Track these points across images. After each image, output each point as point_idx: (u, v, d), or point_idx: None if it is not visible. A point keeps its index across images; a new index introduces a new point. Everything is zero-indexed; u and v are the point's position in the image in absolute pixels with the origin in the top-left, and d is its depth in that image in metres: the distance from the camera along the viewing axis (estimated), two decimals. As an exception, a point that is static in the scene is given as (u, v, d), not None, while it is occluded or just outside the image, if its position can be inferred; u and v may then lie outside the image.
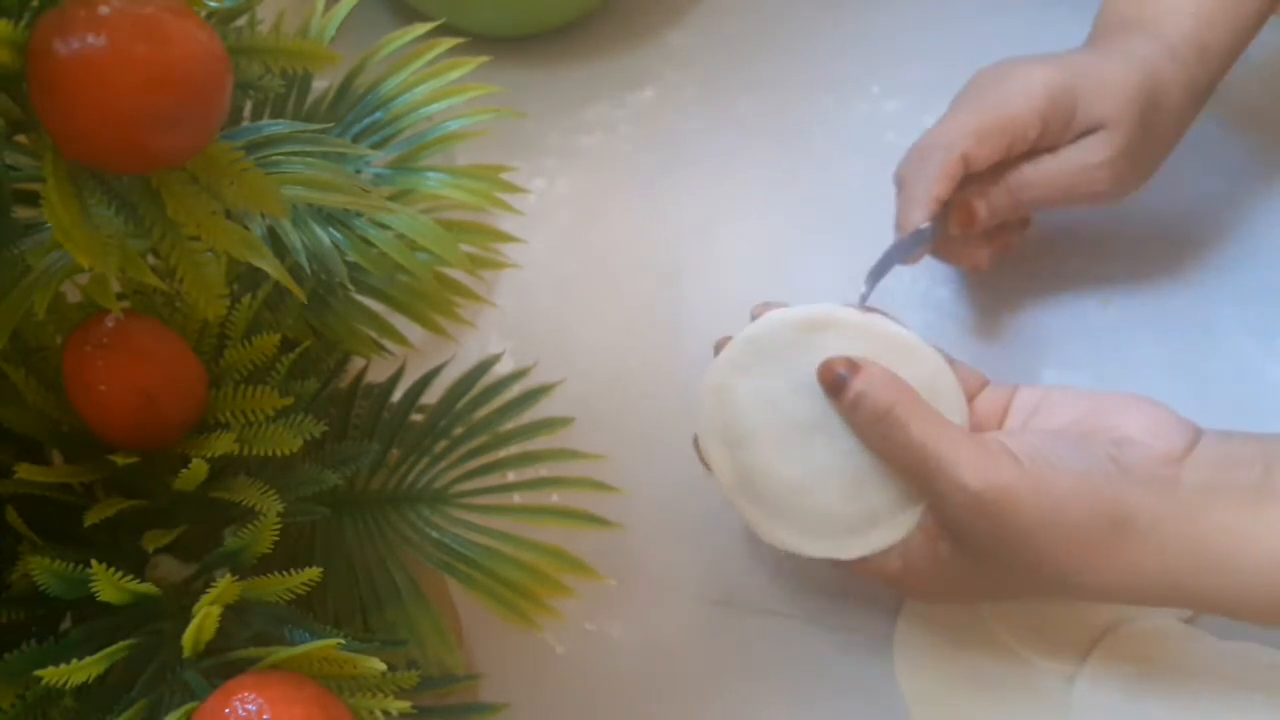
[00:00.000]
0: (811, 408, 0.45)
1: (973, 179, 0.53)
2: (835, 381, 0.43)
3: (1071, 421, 0.43)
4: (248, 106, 0.43)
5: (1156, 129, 0.54)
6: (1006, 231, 0.58)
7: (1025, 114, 0.52)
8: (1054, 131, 0.53)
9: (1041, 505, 0.40)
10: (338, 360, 0.43)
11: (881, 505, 0.45)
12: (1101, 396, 0.44)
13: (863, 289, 0.48)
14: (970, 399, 0.46)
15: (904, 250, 0.52)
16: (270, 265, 0.29)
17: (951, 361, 0.46)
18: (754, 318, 0.47)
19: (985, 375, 0.48)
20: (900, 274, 0.53)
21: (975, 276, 0.62)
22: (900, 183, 0.54)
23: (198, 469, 0.33)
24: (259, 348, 0.36)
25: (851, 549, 0.46)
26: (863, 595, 0.52)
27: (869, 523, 0.45)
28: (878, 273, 0.50)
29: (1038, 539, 0.40)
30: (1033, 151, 0.54)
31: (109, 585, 0.29)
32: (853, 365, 0.43)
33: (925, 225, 0.52)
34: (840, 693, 0.50)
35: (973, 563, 0.43)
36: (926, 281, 0.62)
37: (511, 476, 0.44)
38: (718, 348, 0.47)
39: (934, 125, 0.54)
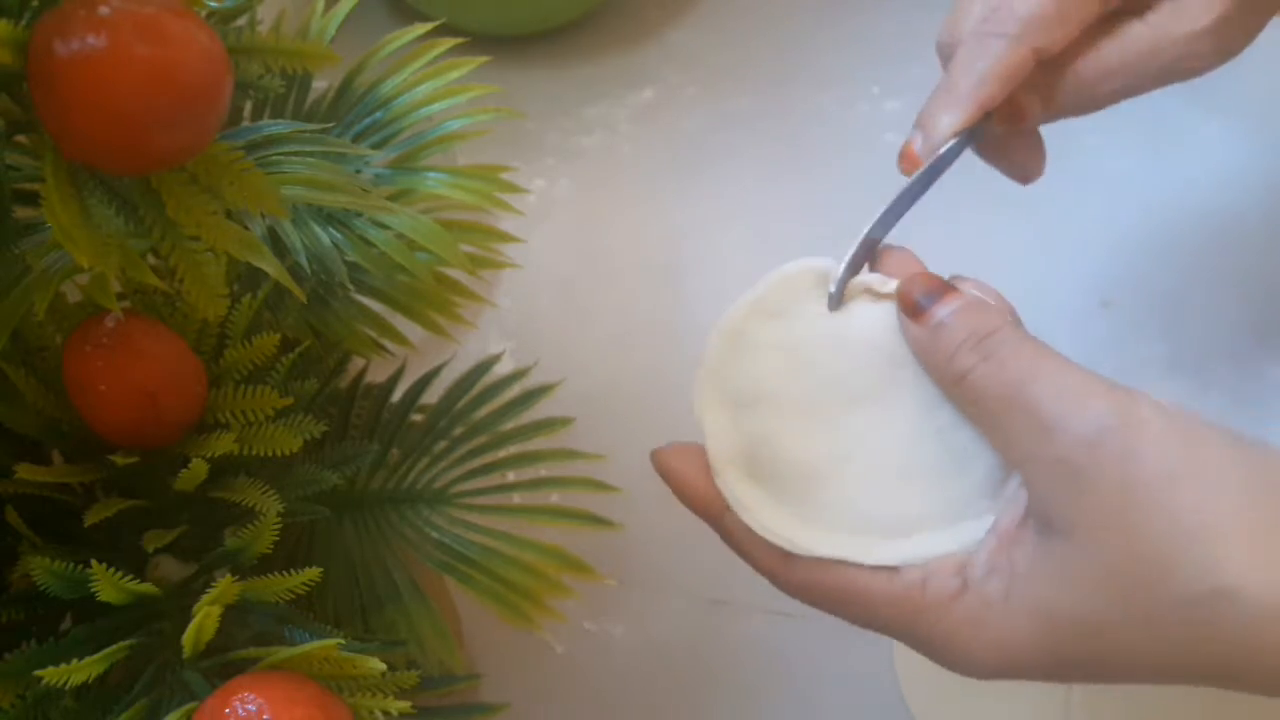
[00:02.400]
0: (862, 372, 0.34)
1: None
2: (915, 303, 0.32)
3: None
4: (248, 106, 0.43)
5: None
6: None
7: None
8: None
9: (1191, 455, 0.28)
10: (338, 360, 0.43)
11: (935, 508, 0.33)
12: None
13: (848, 255, 0.35)
14: None
15: (922, 186, 0.38)
16: (270, 265, 0.29)
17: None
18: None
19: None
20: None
21: (973, 271, 0.54)
22: (942, 57, 0.41)
23: (198, 469, 0.33)
24: (259, 348, 0.36)
25: (879, 552, 0.32)
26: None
27: (912, 526, 0.33)
28: (885, 225, 0.36)
29: (1178, 499, 0.27)
30: (1112, 18, 0.40)
31: (109, 585, 0.29)
32: (943, 286, 0.32)
33: (949, 144, 0.38)
34: (841, 692, 0.50)
35: (1075, 559, 0.29)
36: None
37: (511, 476, 0.44)
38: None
39: None
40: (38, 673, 0.28)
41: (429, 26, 0.45)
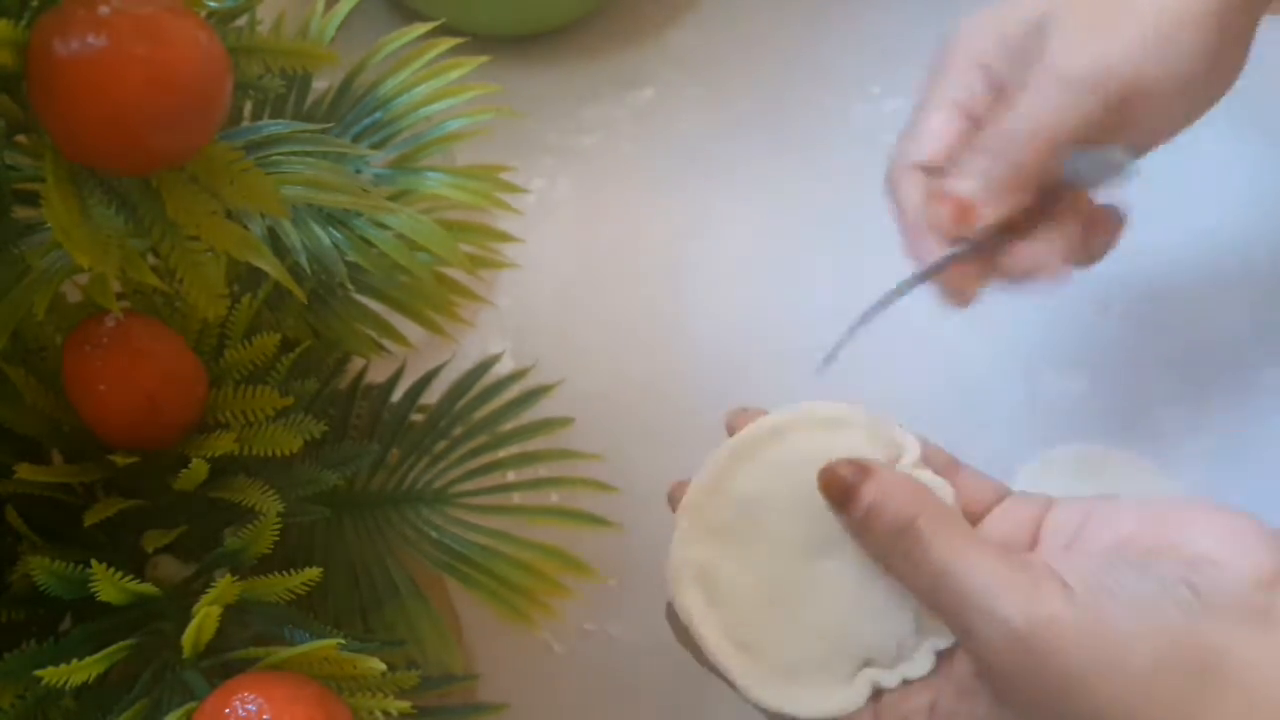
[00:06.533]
0: (819, 520, 0.35)
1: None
2: (842, 491, 0.34)
3: (1128, 537, 0.33)
4: (248, 106, 0.43)
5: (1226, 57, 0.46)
6: (1098, 228, 0.48)
7: (1056, 152, 0.44)
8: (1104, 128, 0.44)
9: (1099, 647, 0.30)
10: (338, 360, 0.43)
11: (880, 644, 0.35)
12: (1165, 504, 0.34)
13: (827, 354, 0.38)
14: (980, 515, 0.36)
15: (894, 297, 0.44)
16: (270, 265, 0.29)
17: (957, 465, 0.37)
18: (729, 430, 0.37)
19: (1004, 485, 0.36)
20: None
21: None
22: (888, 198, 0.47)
23: (198, 469, 0.33)
24: (259, 348, 0.36)
25: (824, 704, 0.35)
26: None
27: (859, 665, 0.35)
28: (863, 322, 0.41)
29: (1096, 693, 0.30)
30: None
31: (109, 585, 0.29)
32: (862, 469, 0.34)
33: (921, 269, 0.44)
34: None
35: None
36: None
37: (511, 476, 0.44)
38: (731, 426, 0.37)
39: (910, 131, 0.47)
40: (38, 673, 0.28)
41: (429, 26, 0.45)
